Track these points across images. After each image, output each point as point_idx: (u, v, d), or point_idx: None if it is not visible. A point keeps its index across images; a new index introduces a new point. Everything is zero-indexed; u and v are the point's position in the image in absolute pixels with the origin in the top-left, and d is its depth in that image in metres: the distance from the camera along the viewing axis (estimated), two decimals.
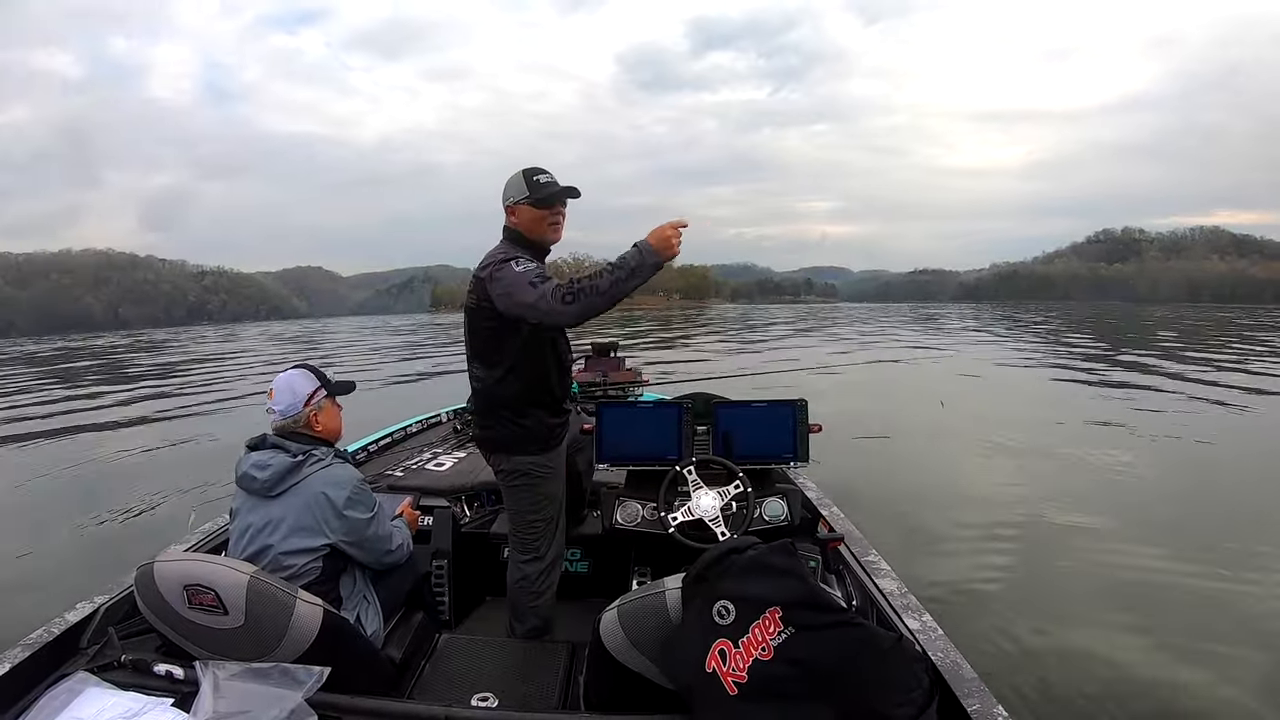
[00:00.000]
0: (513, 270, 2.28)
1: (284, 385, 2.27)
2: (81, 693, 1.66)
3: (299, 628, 1.81)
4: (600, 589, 3.05)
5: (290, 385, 2.28)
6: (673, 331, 36.70)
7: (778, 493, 2.63)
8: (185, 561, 1.87)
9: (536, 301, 2.19)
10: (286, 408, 2.24)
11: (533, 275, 2.24)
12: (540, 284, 2.20)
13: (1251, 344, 23.75)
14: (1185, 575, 4.34)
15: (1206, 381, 13.63)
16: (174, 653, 1.86)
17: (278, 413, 2.24)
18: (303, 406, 2.26)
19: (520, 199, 2.42)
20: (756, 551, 1.58)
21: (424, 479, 3.54)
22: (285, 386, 2.27)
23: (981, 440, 8.17)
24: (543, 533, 2.57)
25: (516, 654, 2.52)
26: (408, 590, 2.54)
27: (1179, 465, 7.39)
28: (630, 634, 1.64)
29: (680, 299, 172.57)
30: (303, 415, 2.26)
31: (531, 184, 2.42)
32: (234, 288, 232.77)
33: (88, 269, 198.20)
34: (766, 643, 1.44)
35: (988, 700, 1.60)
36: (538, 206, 2.42)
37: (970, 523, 5.32)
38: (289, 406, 2.25)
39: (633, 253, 2.18)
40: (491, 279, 2.33)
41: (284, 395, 2.25)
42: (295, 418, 2.25)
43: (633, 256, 2.17)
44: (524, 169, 2.45)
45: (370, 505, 2.25)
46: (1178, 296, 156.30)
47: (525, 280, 2.22)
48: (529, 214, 2.43)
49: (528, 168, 2.45)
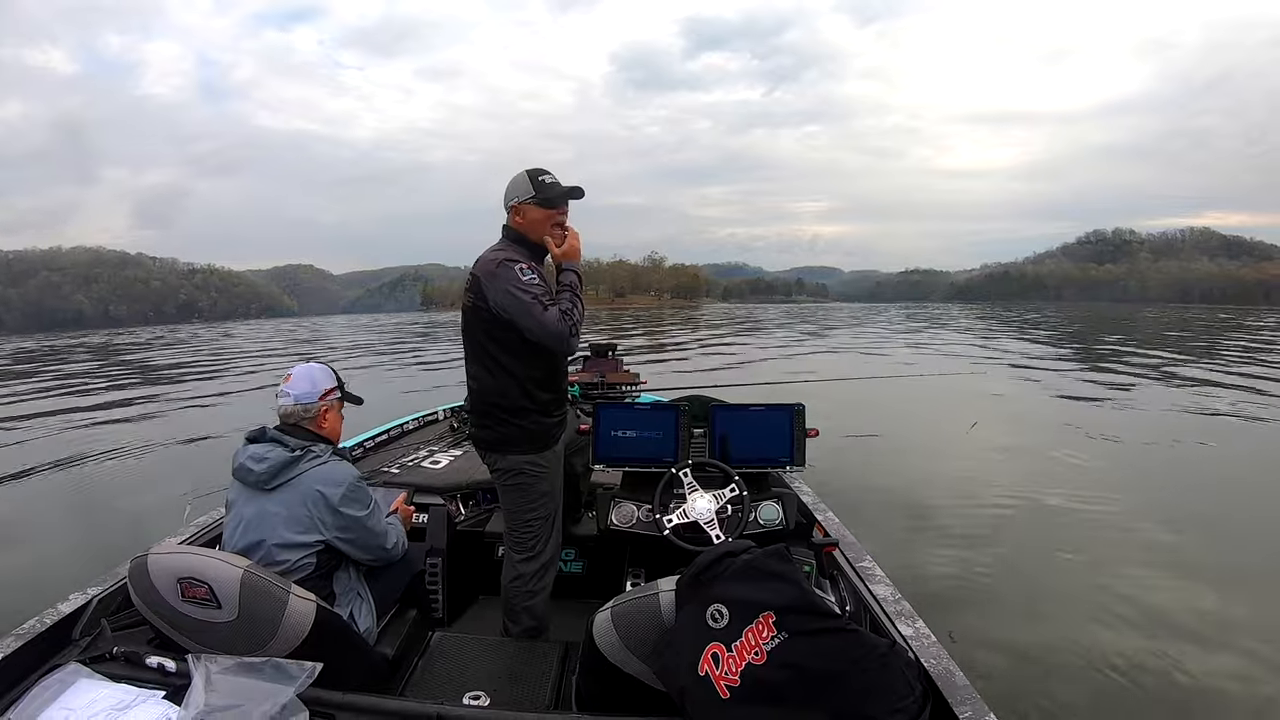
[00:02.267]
0: (517, 277, 2.30)
1: (304, 374, 2.28)
2: (73, 684, 1.65)
3: (292, 623, 1.81)
4: (594, 590, 3.04)
5: (310, 375, 2.29)
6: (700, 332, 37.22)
7: (773, 497, 2.63)
8: (179, 554, 1.87)
9: (554, 334, 2.32)
10: (302, 394, 2.24)
11: (539, 293, 2.31)
12: (549, 311, 2.30)
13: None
14: (1185, 580, 4.34)
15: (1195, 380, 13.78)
16: (166, 645, 1.85)
17: (292, 398, 2.23)
18: (318, 399, 2.27)
19: (525, 199, 2.43)
20: (751, 555, 1.58)
21: (420, 476, 3.52)
22: (305, 375, 2.28)
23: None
24: (539, 532, 2.57)
25: (509, 653, 2.52)
26: (402, 588, 2.54)
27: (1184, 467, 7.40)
28: (623, 635, 1.64)
29: (671, 298, 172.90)
30: (315, 408, 2.26)
31: (537, 184, 2.43)
32: (225, 286, 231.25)
33: (78, 266, 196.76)
34: (760, 647, 1.44)
35: (980, 707, 1.60)
36: (543, 206, 2.43)
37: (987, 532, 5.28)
38: (305, 394, 2.25)
39: (569, 276, 2.47)
40: (491, 278, 2.34)
41: (302, 382, 2.26)
42: (307, 407, 2.25)
43: (571, 278, 2.47)
44: (528, 169, 2.46)
45: (366, 503, 2.24)
46: (1168, 297, 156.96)
47: (534, 302, 2.30)
48: (533, 214, 2.44)
49: (532, 168, 2.46)
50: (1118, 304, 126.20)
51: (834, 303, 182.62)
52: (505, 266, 2.33)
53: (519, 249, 2.43)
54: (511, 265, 2.33)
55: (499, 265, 2.34)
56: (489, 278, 2.35)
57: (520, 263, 2.34)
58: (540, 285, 2.33)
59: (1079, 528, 5.31)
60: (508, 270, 2.32)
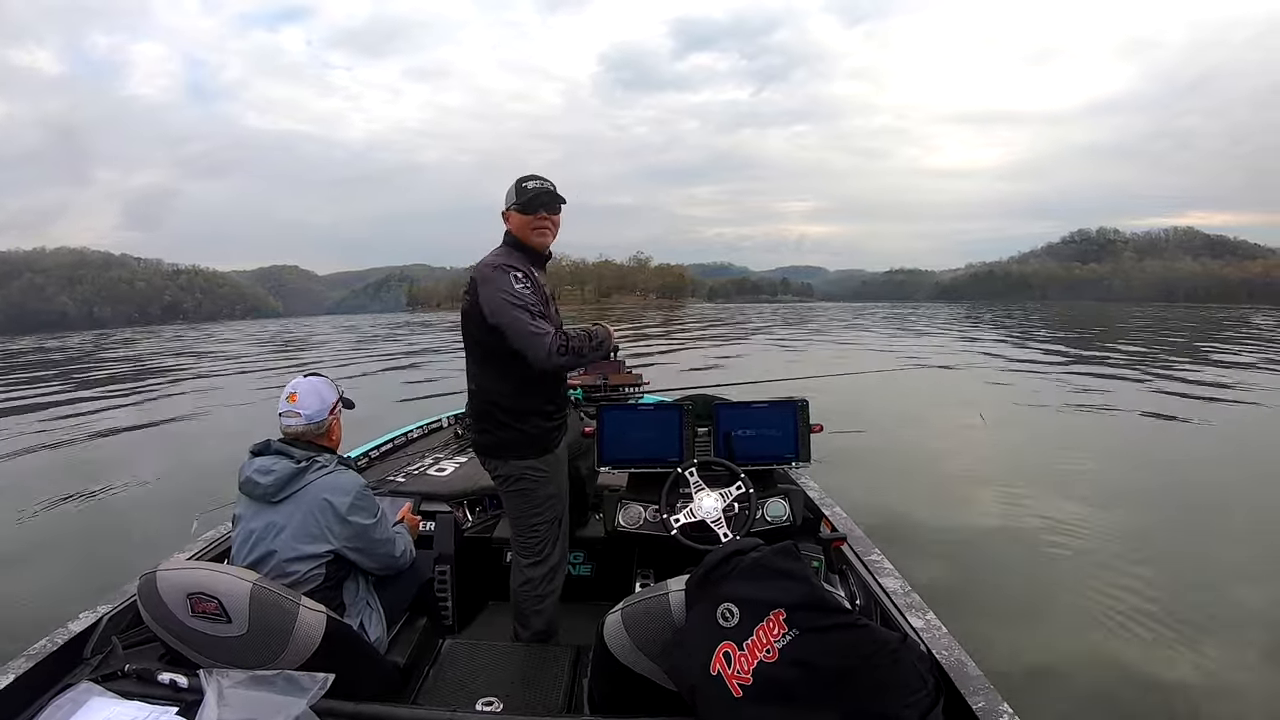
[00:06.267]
0: (509, 284, 2.33)
1: (311, 391, 2.27)
2: (86, 702, 1.64)
3: (302, 635, 1.81)
4: (603, 592, 3.05)
5: (318, 392, 2.28)
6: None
7: (779, 493, 2.64)
8: (188, 570, 1.87)
9: (537, 346, 2.31)
10: (314, 413, 2.24)
11: (529, 302, 2.32)
12: (540, 328, 2.31)
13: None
14: (1195, 572, 4.39)
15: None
16: (178, 661, 1.85)
17: (304, 417, 2.23)
18: (328, 414, 2.27)
19: (510, 205, 2.50)
20: (760, 553, 1.58)
21: (426, 484, 3.52)
22: (312, 392, 2.26)
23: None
24: (545, 536, 2.58)
25: (520, 658, 2.52)
26: (411, 596, 2.54)
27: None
28: (634, 637, 1.64)
29: (657, 298, 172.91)
30: (326, 423, 2.27)
31: (519, 190, 2.48)
32: (209, 287, 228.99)
33: (62, 268, 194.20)
34: (771, 645, 1.44)
35: (994, 698, 1.61)
36: (523, 212, 2.48)
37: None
38: (317, 413, 2.25)
39: (602, 331, 2.49)
40: (485, 282, 2.37)
41: (312, 401, 2.25)
42: (320, 425, 2.25)
43: (601, 333, 2.48)
44: (520, 176, 2.50)
45: (373, 511, 2.24)
46: (1152, 296, 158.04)
47: (528, 314, 2.32)
48: (517, 220, 2.49)
49: (522, 175, 2.51)
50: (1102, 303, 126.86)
51: (818, 302, 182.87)
52: (500, 272, 2.36)
53: (516, 254, 2.47)
54: (506, 272, 2.35)
55: (494, 270, 2.37)
56: (484, 282, 2.38)
57: (516, 270, 2.37)
58: (531, 295, 2.35)
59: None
60: (501, 276, 2.35)
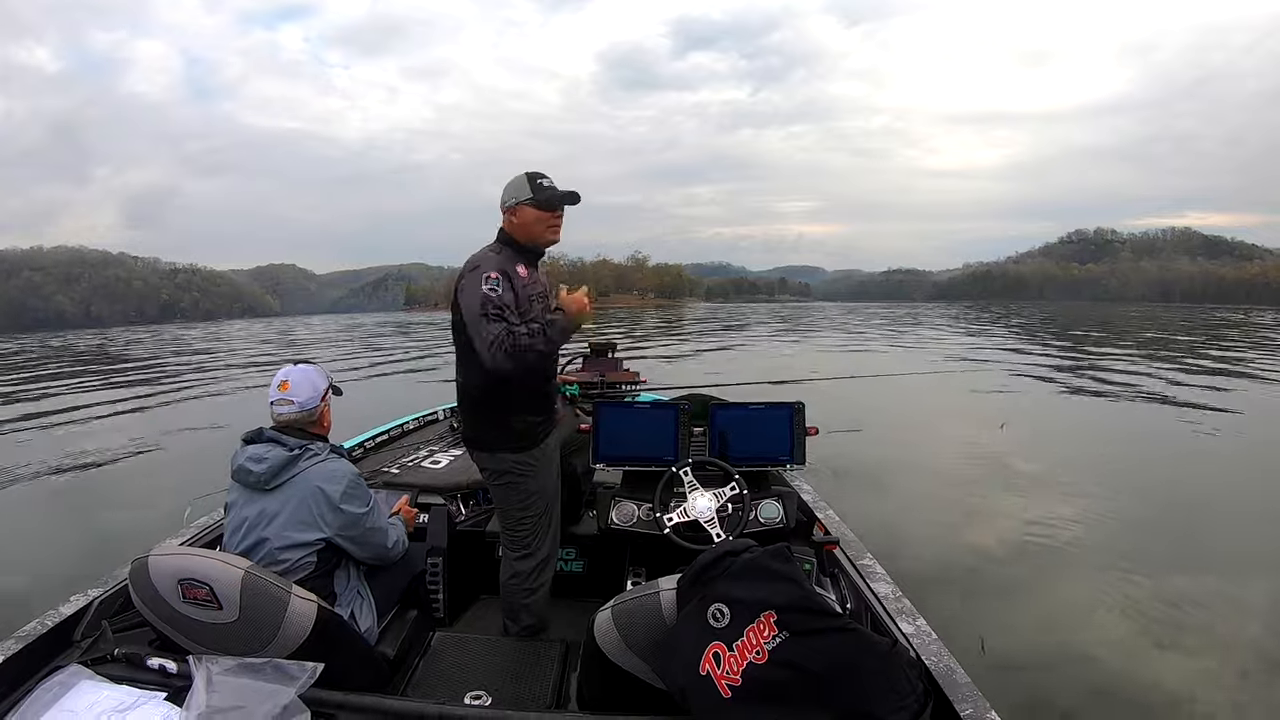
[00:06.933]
0: (478, 284, 2.32)
1: (303, 379, 2.27)
2: (74, 686, 1.65)
3: (293, 623, 1.81)
4: (595, 589, 3.04)
5: (311, 380, 2.28)
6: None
7: (774, 495, 2.63)
8: (180, 555, 1.87)
9: (482, 348, 2.29)
10: (307, 400, 2.25)
11: (491, 308, 2.29)
12: (493, 330, 2.27)
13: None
14: (1188, 576, 4.37)
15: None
16: (167, 647, 1.85)
17: (297, 405, 2.23)
18: (320, 401, 2.29)
19: (523, 200, 2.45)
20: (752, 555, 1.58)
21: (420, 476, 3.52)
22: (305, 380, 2.27)
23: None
24: (533, 529, 2.57)
25: (510, 652, 2.52)
26: (403, 587, 2.54)
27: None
28: (624, 634, 1.65)
29: (655, 298, 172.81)
30: (318, 410, 2.28)
31: (535, 186, 2.45)
32: (206, 286, 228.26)
33: (60, 266, 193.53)
34: (761, 646, 1.44)
35: (981, 705, 1.62)
36: (540, 209, 2.45)
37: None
38: (309, 400, 2.25)
39: (560, 317, 2.40)
40: (462, 279, 2.39)
41: (304, 389, 2.25)
42: (312, 411, 2.26)
43: (561, 320, 2.40)
44: (527, 172, 2.48)
45: (366, 500, 2.25)
46: (1149, 296, 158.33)
47: (483, 318, 2.29)
48: (530, 215, 2.46)
49: (530, 171, 2.48)
50: (1099, 303, 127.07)
51: (816, 302, 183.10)
52: (475, 272, 2.36)
53: (509, 251, 2.46)
54: (479, 272, 2.35)
55: (471, 271, 2.38)
56: (461, 279, 2.40)
57: (489, 272, 2.35)
58: (497, 296, 2.32)
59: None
60: (475, 276, 2.35)
